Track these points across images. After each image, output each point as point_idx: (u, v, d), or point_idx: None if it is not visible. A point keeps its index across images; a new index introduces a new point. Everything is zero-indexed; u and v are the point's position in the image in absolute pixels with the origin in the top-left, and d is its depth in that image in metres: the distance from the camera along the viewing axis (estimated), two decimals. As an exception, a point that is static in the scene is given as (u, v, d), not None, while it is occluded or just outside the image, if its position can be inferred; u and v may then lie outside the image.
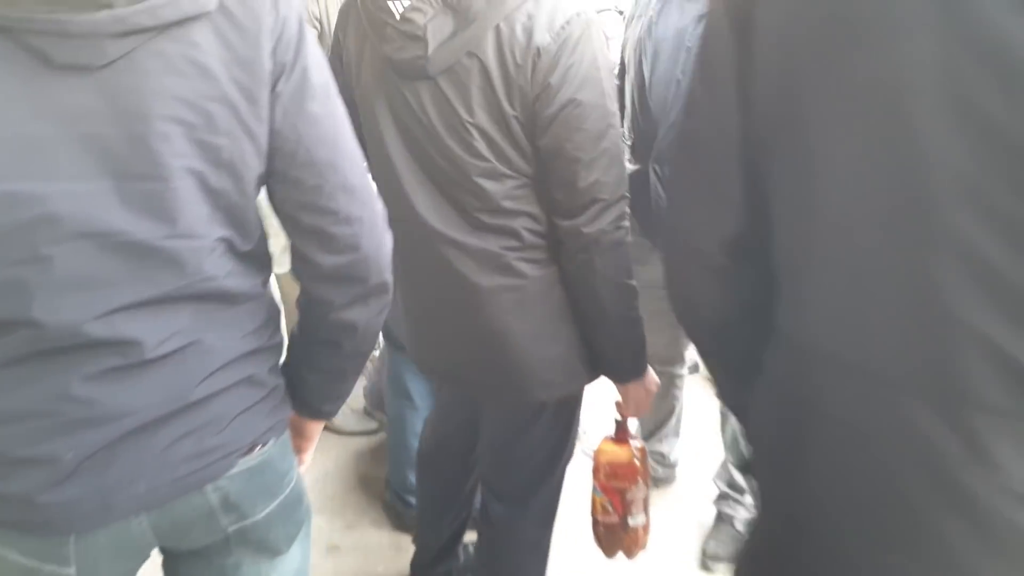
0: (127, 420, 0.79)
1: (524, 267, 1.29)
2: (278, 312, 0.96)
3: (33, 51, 0.67)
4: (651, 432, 2.34)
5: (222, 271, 0.82)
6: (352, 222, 0.86)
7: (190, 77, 0.73)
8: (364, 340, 0.98)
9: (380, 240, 0.90)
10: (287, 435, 0.99)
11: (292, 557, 0.98)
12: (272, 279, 0.95)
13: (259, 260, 0.90)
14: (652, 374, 1.44)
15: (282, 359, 0.98)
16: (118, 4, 0.67)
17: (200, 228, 0.78)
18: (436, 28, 1.16)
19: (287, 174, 0.83)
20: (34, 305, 0.73)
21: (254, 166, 0.81)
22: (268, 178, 0.85)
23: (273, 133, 0.80)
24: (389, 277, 0.93)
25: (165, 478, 0.82)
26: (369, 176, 0.91)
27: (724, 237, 0.80)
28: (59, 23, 0.65)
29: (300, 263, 0.90)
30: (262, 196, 0.87)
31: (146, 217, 0.74)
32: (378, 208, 0.90)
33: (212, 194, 0.78)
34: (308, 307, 0.95)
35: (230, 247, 0.83)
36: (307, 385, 1.01)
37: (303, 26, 0.81)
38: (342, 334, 0.95)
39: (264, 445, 0.92)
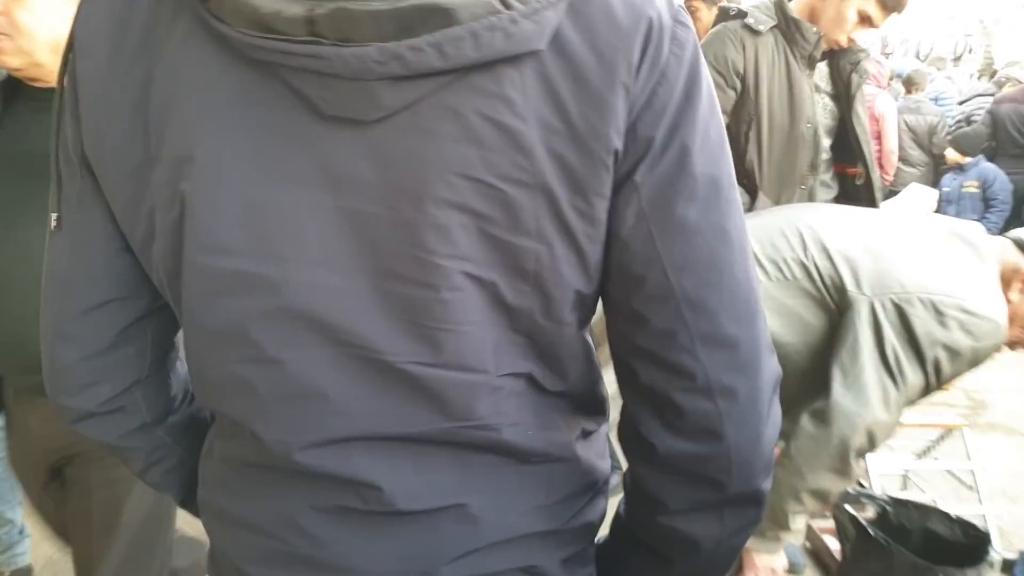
0: None
1: None
2: (603, 481, 0.68)
3: (300, 96, 0.50)
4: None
5: (505, 419, 0.59)
6: (715, 394, 0.56)
7: (490, 148, 0.50)
8: (710, 566, 0.65)
9: (757, 430, 0.58)
10: None
11: None
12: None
13: (579, 407, 0.65)
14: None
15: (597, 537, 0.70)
16: (391, 36, 0.47)
17: (477, 358, 0.56)
18: None
19: (625, 305, 0.57)
20: (256, 413, 0.58)
21: (574, 282, 0.56)
22: (603, 299, 0.60)
23: (616, 242, 0.55)
24: (763, 485, 0.60)
25: None
26: (764, 327, 0.58)
27: None
28: (320, 56, 0.47)
29: (629, 432, 0.63)
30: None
31: (404, 333, 0.55)
32: (766, 379, 0.58)
33: (507, 314, 0.56)
34: (633, 493, 0.66)
35: (529, 387, 0.60)
36: None
37: (698, 84, 0.54)
38: (674, 549, 0.64)
39: None
